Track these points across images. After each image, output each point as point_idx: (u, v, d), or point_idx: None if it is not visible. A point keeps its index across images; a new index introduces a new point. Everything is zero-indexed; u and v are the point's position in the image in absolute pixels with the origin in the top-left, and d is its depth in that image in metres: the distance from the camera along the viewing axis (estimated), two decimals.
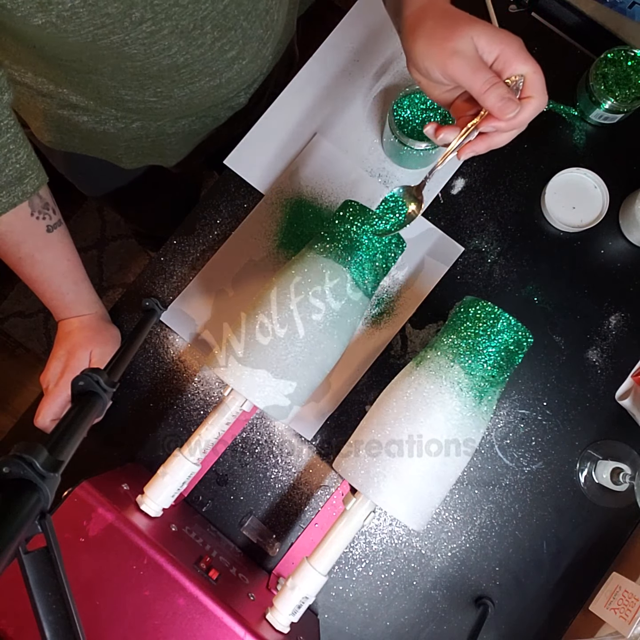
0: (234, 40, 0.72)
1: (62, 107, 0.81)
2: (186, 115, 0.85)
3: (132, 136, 0.87)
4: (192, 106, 0.81)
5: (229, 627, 0.59)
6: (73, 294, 0.78)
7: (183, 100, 0.78)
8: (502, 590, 0.81)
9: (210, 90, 0.79)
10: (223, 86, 0.79)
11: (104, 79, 0.70)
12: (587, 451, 0.82)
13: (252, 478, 0.82)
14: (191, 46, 0.67)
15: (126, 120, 0.83)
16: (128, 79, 0.70)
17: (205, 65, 0.72)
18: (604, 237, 0.86)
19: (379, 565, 0.81)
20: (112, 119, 0.83)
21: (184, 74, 0.72)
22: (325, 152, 0.88)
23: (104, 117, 0.82)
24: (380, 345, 0.84)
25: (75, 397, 0.61)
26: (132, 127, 0.84)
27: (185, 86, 0.75)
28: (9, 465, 0.43)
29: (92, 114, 0.81)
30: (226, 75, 0.77)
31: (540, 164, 0.88)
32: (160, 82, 0.72)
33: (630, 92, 0.81)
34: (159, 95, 0.75)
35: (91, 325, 0.80)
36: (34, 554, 0.42)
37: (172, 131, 0.89)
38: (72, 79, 0.72)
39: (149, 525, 0.64)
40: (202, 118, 0.88)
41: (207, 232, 0.88)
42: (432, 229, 0.86)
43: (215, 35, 0.68)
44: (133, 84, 0.72)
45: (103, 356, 0.78)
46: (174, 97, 0.77)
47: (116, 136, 0.86)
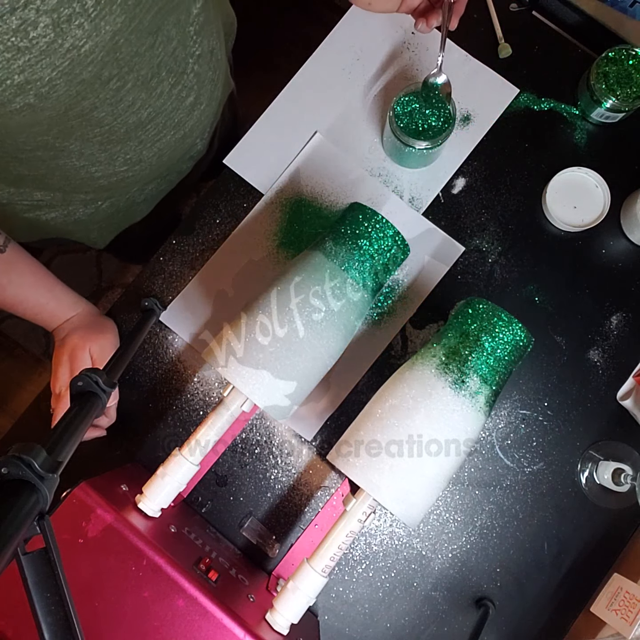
0: (189, 85, 0.73)
1: (26, 211, 0.79)
2: (153, 179, 0.86)
3: (103, 217, 0.87)
4: (161, 164, 0.82)
5: (229, 628, 0.59)
6: (52, 301, 0.78)
7: (153, 161, 0.79)
8: (503, 591, 0.80)
9: (176, 144, 0.80)
10: (187, 135, 0.81)
11: (71, 160, 0.69)
12: (589, 452, 0.82)
13: (251, 479, 0.82)
14: (152, 97, 0.68)
15: (95, 203, 0.83)
16: (96, 152, 0.69)
17: (168, 117, 0.73)
18: (605, 237, 0.86)
19: (379, 566, 0.81)
20: (80, 207, 0.82)
21: (150, 130, 0.72)
22: (325, 151, 0.88)
23: (72, 208, 0.82)
24: (380, 345, 0.84)
25: (74, 397, 0.60)
26: (102, 208, 0.85)
27: (152, 145, 0.75)
28: (7, 466, 0.43)
29: (59, 208, 0.81)
30: (189, 123, 0.79)
31: (541, 163, 0.87)
32: (128, 145, 0.72)
33: (631, 91, 0.81)
34: (129, 162, 0.75)
35: (83, 324, 0.80)
36: (33, 555, 0.42)
37: (141, 199, 0.89)
38: (37, 172, 0.70)
39: (148, 526, 0.64)
40: (167, 177, 0.89)
41: (206, 231, 0.88)
42: (432, 228, 0.86)
43: (171, 81, 0.69)
44: (102, 157, 0.71)
45: (103, 350, 0.78)
46: (143, 161, 0.77)
47: (88, 221, 0.87)
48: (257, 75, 1.57)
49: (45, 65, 0.51)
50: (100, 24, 0.53)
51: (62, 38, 0.51)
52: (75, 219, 0.85)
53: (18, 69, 0.50)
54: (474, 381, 0.63)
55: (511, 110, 0.89)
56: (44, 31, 0.49)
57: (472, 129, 0.88)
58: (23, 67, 0.50)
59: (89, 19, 0.52)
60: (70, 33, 0.51)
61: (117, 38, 0.56)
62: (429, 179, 0.87)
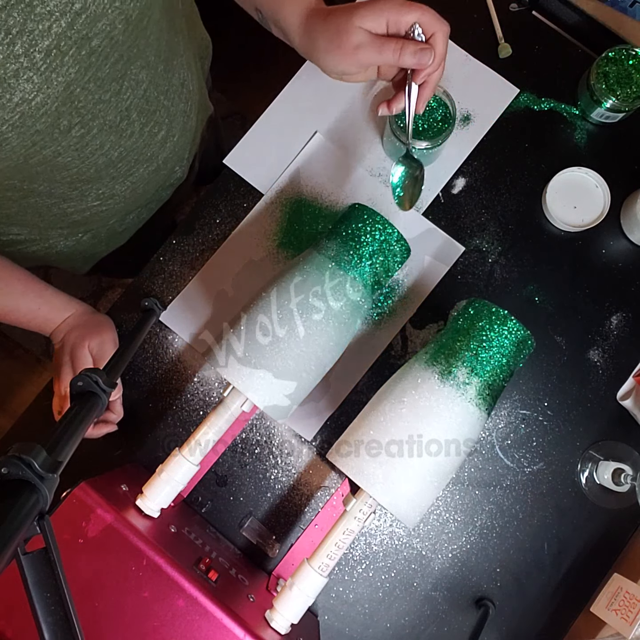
0: (160, 120, 0.72)
1: (7, 245, 0.79)
2: (132, 210, 0.85)
3: (86, 247, 0.87)
4: (137, 197, 0.81)
5: (229, 628, 0.59)
6: (44, 306, 0.78)
7: (127, 194, 0.78)
8: (503, 591, 0.80)
9: (150, 176, 0.79)
10: (161, 168, 0.80)
11: (42, 199, 0.68)
12: (589, 452, 0.82)
13: (251, 479, 0.82)
14: (122, 138, 0.67)
15: (76, 236, 0.82)
16: (67, 190, 0.68)
17: (139, 153, 0.72)
18: (606, 237, 0.86)
19: (379, 566, 0.81)
20: (61, 240, 0.82)
21: (121, 168, 0.72)
22: (325, 151, 0.88)
23: (52, 242, 0.81)
24: (380, 345, 0.84)
25: (74, 397, 0.60)
26: (83, 240, 0.84)
27: (125, 179, 0.74)
28: (7, 466, 0.43)
29: (39, 242, 0.80)
30: (162, 156, 0.78)
31: (541, 163, 0.87)
32: (100, 182, 0.71)
33: (631, 91, 0.81)
34: (102, 197, 0.74)
35: (78, 324, 0.80)
36: (33, 555, 0.42)
37: (122, 229, 0.89)
38: (9, 210, 0.69)
39: (148, 526, 0.64)
40: (148, 205, 0.88)
41: (206, 231, 0.88)
42: (432, 228, 0.86)
43: (142, 121, 0.68)
44: (73, 194, 0.70)
45: (102, 346, 0.78)
46: (117, 195, 0.76)
47: (70, 252, 0.86)
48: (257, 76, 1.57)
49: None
50: (52, 76, 0.52)
51: (10, 93, 0.49)
52: (57, 251, 0.84)
53: None
54: (475, 382, 0.63)
55: (511, 110, 0.89)
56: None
57: (472, 129, 0.88)
58: None
59: (38, 73, 0.50)
60: (18, 87, 0.50)
61: (72, 88, 0.55)
62: (428, 179, 0.87)
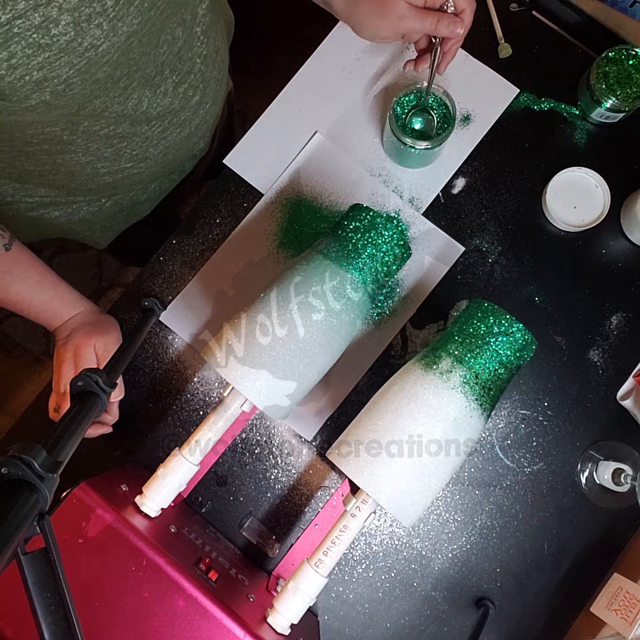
0: (195, 84, 0.74)
1: (30, 209, 0.79)
2: (157, 177, 0.86)
3: (107, 215, 0.87)
4: (167, 163, 0.82)
5: (229, 628, 0.59)
6: (56, 299, 0.78)
7: (159, 159, 0.79)
8: (503, 591, 0.80)
9: (181, 142, 0.80)
10: (192, 134, 0.81)
11: (77, 155, 0.69)
12: (589, 452, 0.82)
13: (251, 479, 0.82)
14: (156, 95, 0.68)
15: (99, 201, 0.83)
16: (102, 146, 0.69)
17: (174, 115, 0.74)
18: (606, 237, 0.86)
19: (379, 566, 0.81)
20: (84, 206, 0.82)
21: (156, 128, 0.73)
22: (325, 151, 0.88)
23: (75, 207, 0.81)
24: (380, 345, 0.84)
25: (74, 397, 0.60)
26: (105, 206, 0.85)
27: (158, 142, 0.76)
28: (7, 466, 0.43)
29: (63, 206, 0.81)
30: (194, 122, 0.79)
31: (541, 163, 0.87)
32: (134, 141, 0.72)
33: (631, 91, 0.81)
34: (135, 158, 0.75)
35: (86, 322, 0.80)
36: (33, 555, 0.42)
37: (144, 198, 0.90)
38: (43, 167, 0.70)
39: (148, 526, 0.64)
40: (170, 175, 0.89)
41: (206, 231, 0.88)
42: (432, 228, 0.86)
43: (175, 79, 0.70)
44: (108, 153, 0.71)
45: (107, 346, 0.78)
46: (149, 158, 0.77)
47: (91, 221, 0.86)
48: (257, 75, 1.57)
49: (64, 63, 0.52)
50: (118, 24, 0.54)
51: (81, 37, 0.52)
52: (79, 217, 0.85)
53: (37, 65, 0.51)
54: (475, 383, 0.63)
55: (511, 110, 0.89)
56: (65, 29, 0.50)
57: (472, 129, 0.88)
58: (42, 64, 0.51)
59: (108, 19, 0.53)
60: (89, 32, 0.52)
61: (131, 39, 0.57)
62: (429, 179, 0.87)
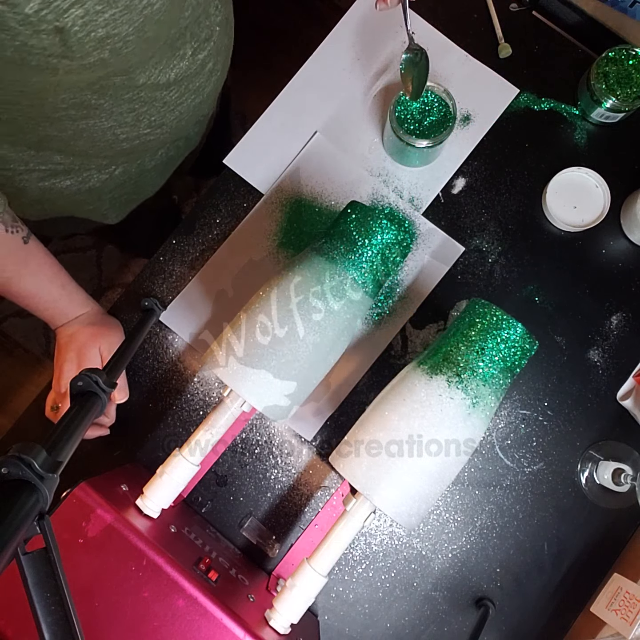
0: (212, 52, 0.74)
1: (42, 178, 0.79)
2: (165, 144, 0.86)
3: (116, 184, 0.87)
4: (180, 129, 0.82)
5: (229, 628, 0.59)
6: (65, 297, 0.78)
7: (173, 125, 0.79)
8: (503, 591, 0.80)
9: (195, 109, 0.81)
10: (204, 102, 0.81)
11: (100, 120, 0.69)
12: (589, 452, 0.82)
13: (251, 479, 0.82)
14: (175, 58, 0.69)
15: (109, 168, 0.83)
16: (125, 111, 0.70)
17: (190, 81, 0.74)
18: (605, 237, 0.86)
19: (379, 566, 0.81)
20: (95, 173, 0.82)
21: (174, 93, 0.73)
22: (325, 151, 0.88)
23: (86, 175, 0.82)
24: (380, 345, 0.84)
25: (74, 397, 0.60)
26: (115, 174, 0.85)
27: (175, 108, 0.76)
28: (7, 466, 0.43)
29: (74, 175, 0.81)
30: (207, 89, 0.79)
31: (541, 163, 0.87)
32: (154, 107, 0.73)
33: (631, 91, 0.81)
34: (153, 124, 0.75)
35: (92, 322, 0.80)
36: (33, 555, 0.42)
37: (151, 165, 0.89)
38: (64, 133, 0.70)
39: (148, 526, 0.64)
40: (176, 142, 0.89)
41: (206, 231, 0.88)
42: (432, 228, 0.86)
43: (193, 45, 0.70)
44: (129, 118, 0.72)
45: (111, 347, 0.78)
46: (165, 124, 0.77)
47: (101, 190, 0.86)
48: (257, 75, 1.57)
49: (125, 20, 0.53)
50: None
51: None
52: (89, 186, 0.84)
53: (103, 22, 0.52)
54: (475, 384, 0.63)
55: (511, 110, 0.89)
56: None
57: (472, 129, 0.88)
58: (107, 21, 0.52)
59: None
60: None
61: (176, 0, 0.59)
62: (429, 179, 0.87)
